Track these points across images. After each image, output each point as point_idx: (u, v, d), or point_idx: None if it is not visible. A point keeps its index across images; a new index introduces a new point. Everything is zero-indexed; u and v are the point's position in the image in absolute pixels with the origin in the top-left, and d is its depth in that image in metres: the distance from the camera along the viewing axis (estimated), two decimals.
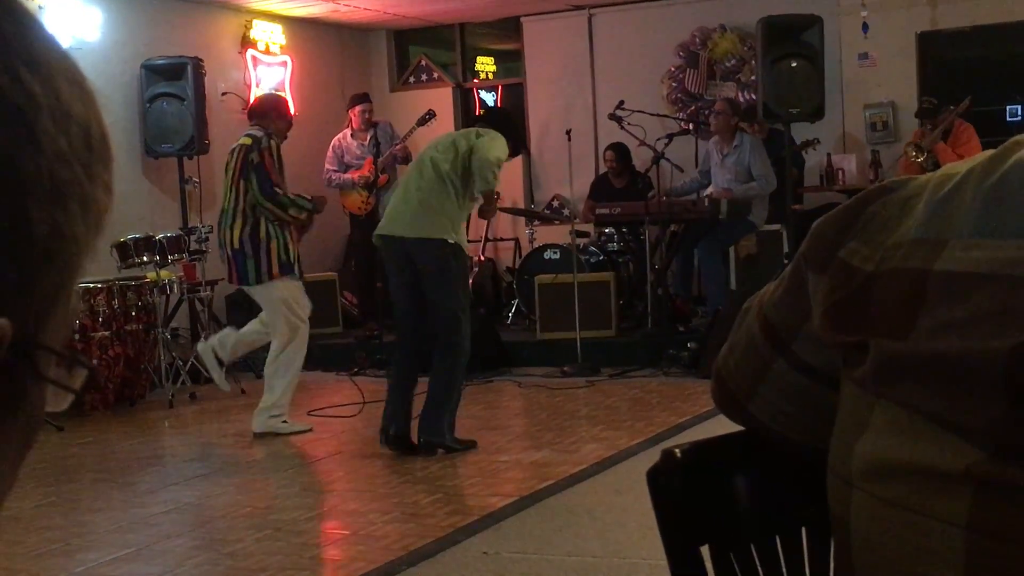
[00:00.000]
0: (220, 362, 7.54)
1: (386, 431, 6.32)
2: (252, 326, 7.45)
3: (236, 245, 6.89)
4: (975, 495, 1.03)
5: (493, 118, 6.93)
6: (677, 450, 1.30)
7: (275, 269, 6.87)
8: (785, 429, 1.32)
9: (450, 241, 6.18)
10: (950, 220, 1.07)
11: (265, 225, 6.88)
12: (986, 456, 1.01)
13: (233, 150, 7.10)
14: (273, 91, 11.18)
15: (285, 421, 7.09)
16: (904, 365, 1.07)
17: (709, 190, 9.70)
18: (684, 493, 1.30)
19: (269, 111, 7.24)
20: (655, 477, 1.30)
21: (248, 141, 7.00)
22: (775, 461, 1.35)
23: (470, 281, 10.64)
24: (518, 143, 6.93)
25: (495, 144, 6.34)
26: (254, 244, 6.86)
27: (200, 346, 7.77)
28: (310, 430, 7.19)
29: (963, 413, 1.03)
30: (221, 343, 7.57)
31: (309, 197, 7.14)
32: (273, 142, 6.98)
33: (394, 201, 6.48)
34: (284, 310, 6.97)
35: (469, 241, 7.87)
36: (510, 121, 7.07)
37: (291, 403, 7.17)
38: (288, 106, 7.47)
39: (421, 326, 6.30)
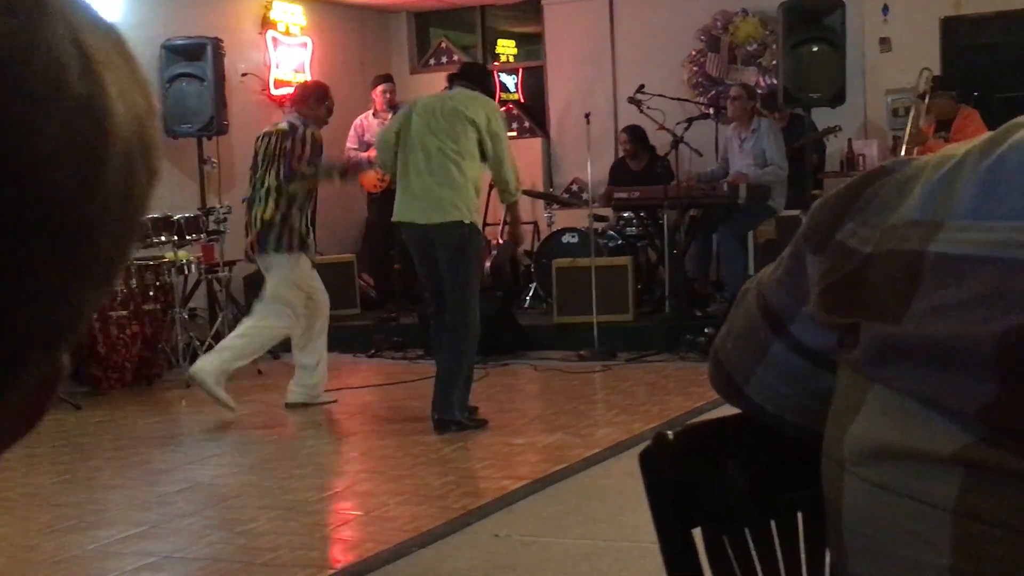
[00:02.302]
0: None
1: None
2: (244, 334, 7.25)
3: (267, 217, 7.00)
4: (964, 479, 1.02)
5: (471, 74, 6.93)
6: (670, 433, 1.29)
7: (295, 243, 7.01)
8: (782, 411, 1.31)
9: (466, 222, 6.34)
10: (946, 201, 1.06)
11: (296, 208, 7.02)
12: (975, 440, 1.01)
13: (268, 135, 7.19)
14: (303, 75, 11.22)
15: (318, 393, 7.31)
16: (897, 348, 1.06)
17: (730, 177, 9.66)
18: (676, 476, 1.30)
19: (308, 97, 7.29)
20: (647, 460, 1.29)
21: (285, 128, 7.08)
22: (770, 444, 1.34)
23: (488, 264, 10.68)
24: (492, 89, 7.38)
25: (506, 147, 6.54)
26: (282, 218, 6.98)
27: (194, 369, 7.14)
28: (335, 401, 7.38)
29: (953, 397, 1.02)
30: (220, 366, 7.10)
31: (338, 165, 7.32)
32: (309, 131, 7.04)
33: (405, 188, 6.55)
34: (298, 284, 7.08)
35: (488, 224, 7.94)
36: (484, 71, 7.32)
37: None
38: (328, 92, 7.41)
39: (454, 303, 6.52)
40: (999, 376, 0.98)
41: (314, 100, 7.24)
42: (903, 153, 9.33)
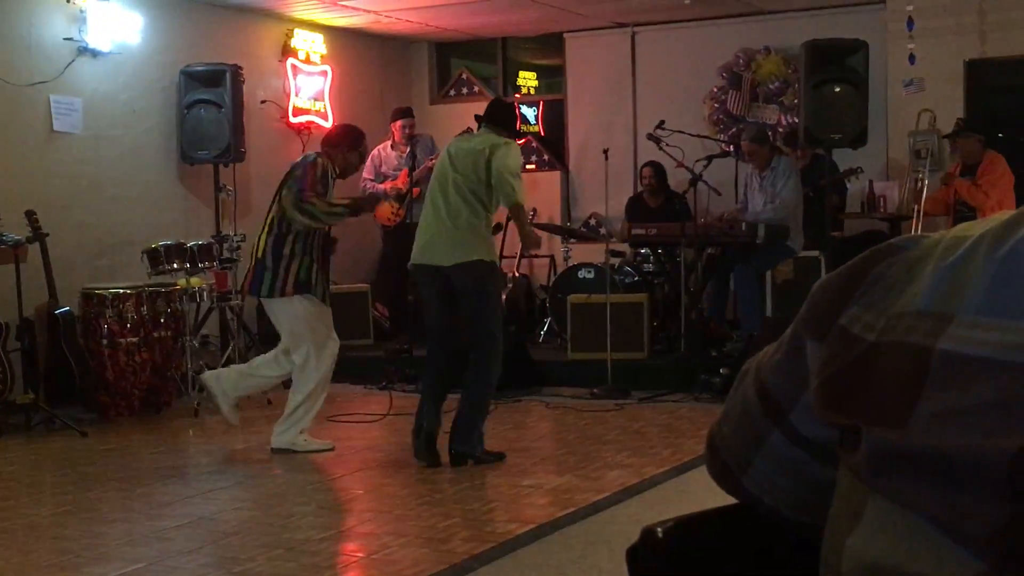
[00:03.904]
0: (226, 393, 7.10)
1: (418, 431, 6.54)
2: (263, 364, 7.13)
3: (259, 255, 6.77)
4: None
5: (496, 116, 6.85)
6: (659, 529, 1.20)
7: (289, 287, 6.68)
8: (780, 504, 1.22)
9: (486, 260, 6.46)
10: (957, 292, 0.97)
11: (292, 242, 6.71)
12: (988, 568, 0.91)
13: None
14: (322, 104, 11.17)
15: (306, 439, 6.96)
16: (900, 458, 0.96)
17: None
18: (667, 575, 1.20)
19: (341, 142, 7.01)
20: (634, 557, 1.20)
21: (299, 160, 6.93)
22: (768, 540, 1.24)
23: (503, 297, 10.59)
24: (517, 127, 7.35)
25: (509, 156, 6.49)
26: (275, 257, 6.70)
27: (205, 375, 7.31)
28: (331, 448, 7.03)
29: (963, 518, 0.92)
30: (228, 375, 7.19)
31: (346, 202, 6.98)
32: (321, 160, 6.77)
33: (425, 228, 6.60)
34: (301, 327, 6.78)
35: (504, 257, 7.92)
36: (510, 110, 7.21)
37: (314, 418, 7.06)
38: (362, 139, 7.14)
39: (451, 343, 6.57)
40: (1013, 498, 0.89)
41: (347, 146, 6.98)
42: (914, 196, 9.22)
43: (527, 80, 13.07)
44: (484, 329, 6.43)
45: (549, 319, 10.33)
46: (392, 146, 10.76)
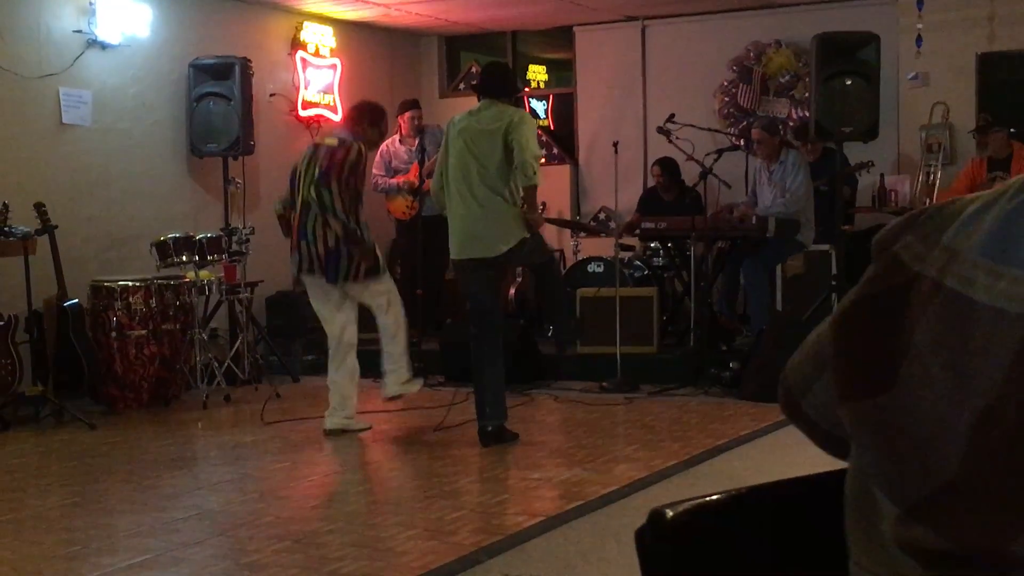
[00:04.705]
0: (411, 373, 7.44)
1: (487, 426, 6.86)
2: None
3: (331, 245, 6.93)
4: None
5: (493, 86, 6.90)
6: (668, 511, 1.18)
7: (361, 272, 7.04)
8: (833, 427, 1.23)
9: (525, 237, 6.70)
10: (971, 233, 1.02)
11: (363, 230, 7.01)
12: (905, 513, 1.00)
13: (316, 146, 7.13)
14: (331, 97, 11.16)
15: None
16: (872, 410, 1.04)
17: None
18: (674, 558, 1.18)
19: (362, 118, 7.19)
20: (643, 539, 1.18)
21: (335, 143, 7.00)
22: (774, 524, 1.22)
23: (512, 291, 10.59)
24: (517, 90, 7.63)
25: (528, 134, 6.62)
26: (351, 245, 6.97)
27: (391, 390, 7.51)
28: (370, 427, 7.42)
29: (902, 472, 1.00)
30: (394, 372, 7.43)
31: (366, 239, 7.11)
32: (358, 145, 7.00)
33: (460, 221, 6.70)
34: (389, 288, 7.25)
35: None
36: (504, 74, 7.30)
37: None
38: (383, 115, 7.30)
39: (499, 327, 6.84)
40: (965, 459, 0.96)
41: (368, 122, 7.15)
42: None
43: (537, 74, 13.04)
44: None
45: None
46: (401, 140, 10.72)
